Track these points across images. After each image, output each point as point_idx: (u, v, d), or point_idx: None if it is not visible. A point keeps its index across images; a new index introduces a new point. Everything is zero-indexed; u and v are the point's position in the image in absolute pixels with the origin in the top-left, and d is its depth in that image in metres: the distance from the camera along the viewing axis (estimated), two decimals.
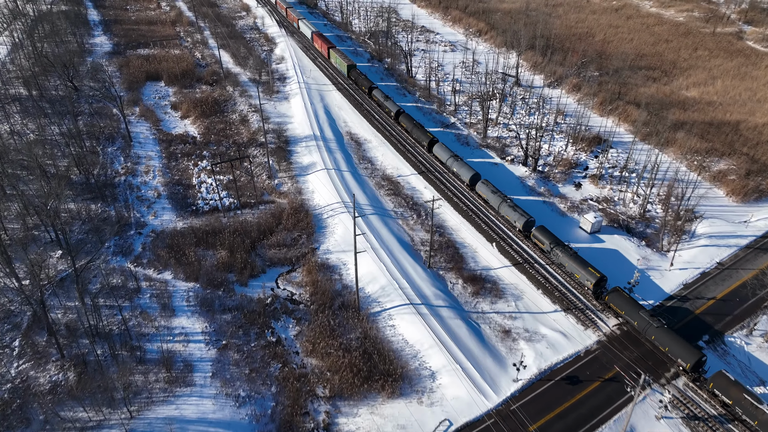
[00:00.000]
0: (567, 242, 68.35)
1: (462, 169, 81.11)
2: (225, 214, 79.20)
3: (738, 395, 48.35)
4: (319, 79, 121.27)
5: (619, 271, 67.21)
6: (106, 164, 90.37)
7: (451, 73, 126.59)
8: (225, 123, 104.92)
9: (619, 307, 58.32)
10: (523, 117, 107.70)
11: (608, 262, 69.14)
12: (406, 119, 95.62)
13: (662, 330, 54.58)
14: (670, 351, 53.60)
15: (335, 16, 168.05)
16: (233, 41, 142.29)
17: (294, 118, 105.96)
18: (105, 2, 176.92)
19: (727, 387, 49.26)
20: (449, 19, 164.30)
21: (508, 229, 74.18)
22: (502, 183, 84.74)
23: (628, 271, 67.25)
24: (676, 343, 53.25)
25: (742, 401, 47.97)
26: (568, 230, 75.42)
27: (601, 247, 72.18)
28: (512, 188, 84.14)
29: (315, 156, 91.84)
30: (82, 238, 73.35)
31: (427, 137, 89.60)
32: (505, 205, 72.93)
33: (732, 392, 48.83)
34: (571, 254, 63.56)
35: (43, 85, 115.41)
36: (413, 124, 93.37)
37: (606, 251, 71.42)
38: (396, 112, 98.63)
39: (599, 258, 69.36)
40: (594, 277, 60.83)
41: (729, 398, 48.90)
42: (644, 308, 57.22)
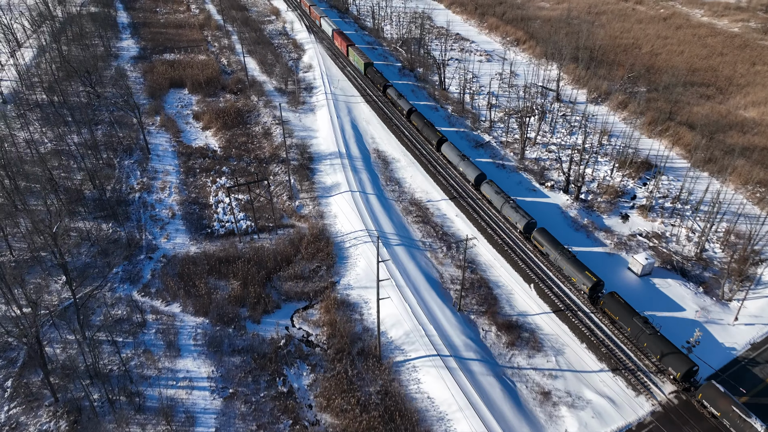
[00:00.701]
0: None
1: (468, 169, 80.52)
2: (241, 238, 74.08)
3: (726, 407, 47.20)
4: (347, 90, 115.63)
5: (675, 323, 59.55)
6: (122, 179, 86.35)
7: (486, 85, 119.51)
8: (247, 136, 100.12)
9: (613, 312, 57.27)
10: (564, 137, 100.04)
11: (661, 310, 61.51)
12: (417, 118, 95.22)
13: (654, 337, 53.17)
14: (662, 359, 52.40)
15: (366, 21, 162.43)
16: (260, 47, 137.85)
17: (319, 132, 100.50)
18: (135, 4, 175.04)
19: (716, 398, 48.08)
20: (485, 27, 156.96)
21: (548, 269, 67.12)
22: (541, 213, 77.53)
23: (685, 325, 59.56)
24: (668, 353, 52.02)
25: (730, 413, 46.81)
26: (614, 270, 67.92)
27: (652, 293, 64.53)
28: (552, 219, 76.88)
29: (339, 176, 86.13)
30: (89, 262, 69.08)
31: (437, 136, 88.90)
32: (507, 205, 72.28)
33: (720, 404, 47.72)
34: (569, 257, 62.61)
35: (66, 90, 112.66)
36: (424, 123, 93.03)
37: (658, 298, 63.76)
38: (408, 111, 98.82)
39: (650, 306, 61.78)
40: (590, 281, 59.71)
41: (717, 410, 47.92)
42: (639, 314, 55.69)
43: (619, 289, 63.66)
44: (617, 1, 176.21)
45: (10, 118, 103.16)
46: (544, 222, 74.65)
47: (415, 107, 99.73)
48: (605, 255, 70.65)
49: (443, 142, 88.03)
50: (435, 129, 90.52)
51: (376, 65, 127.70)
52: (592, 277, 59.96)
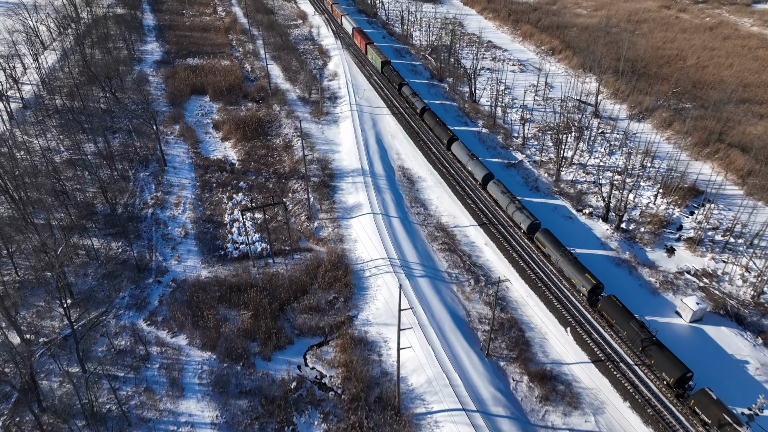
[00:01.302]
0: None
1: (476, 168, 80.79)
2: (255, 263, 69.80)
3: (718, 415, 46.40)
4: (373, 101, 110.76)
5: (731, 382, 53.06)
6: (136, 192, 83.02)
7: (519, 98, 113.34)
8: (267, 148, 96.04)
9: (610, 315, 56.91)
10: (603, 157, 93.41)
11: (713, 365, 55.08)
12: (429, 116, 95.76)
13: (650, 342, 52.78)
14: (656, 364, 51.96)
15: (395, 27, 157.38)
16: (285, 53, 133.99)
17: (342, 146, 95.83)
18: (162, 6, 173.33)
19: (708, 406, 47.41)
20: (519, 35, 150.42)
21: (586, 311, 61.10)
22: (577, 244, 71.40)
23: (743, 384, 53.02)
24: (662, 357, 51.48)
25: (720, 421, 46.00)
26: (658, 314, 61.55)
27: (703, 343, 58.03)
28: (589, 251, 70.69)
29: (361, 195, 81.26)
30: (95, 285, 65.59)
31: (447, 135, 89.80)
32: (513, 206, 72.21)
33: (712, 411, 46.94)
34: (570, 259, 62.59)
35: (87, 96, 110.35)
36: (436, 122, 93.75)
37: (710, 350, 57.26)
38: (421, 109, 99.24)
39: (701, 360, 55.33)
40: (590, 284, 59.43)
41: (708, 417, 47.11)
42: (636, 318, 55.08)
43: (665, 337, 57.37)
44: (659, 9, 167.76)
45: (29, 124, 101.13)
46: (581, 256, 68.53)
47: (428, 106, 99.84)
48: (649, 295, 64.26)
49: (454, 141, 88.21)
50: (446, 128, 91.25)
51: (404, 74, 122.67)
52: (592, 279, 59.57)
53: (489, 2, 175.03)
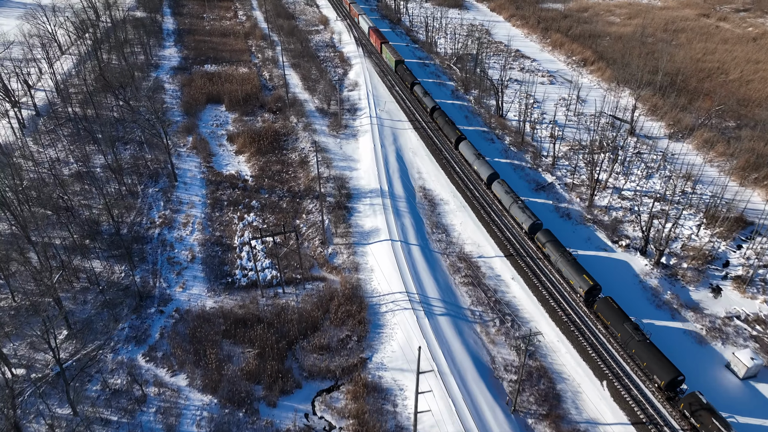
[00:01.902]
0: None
1: (482, 168, 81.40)
2: (264, 292, 65.28)
3: (706, 419, 46.07)
4: (394, 114, 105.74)
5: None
6: (144, 210, 79.25)
7: (549, 113, 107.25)
8: (282, 163, 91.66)
9: (605, 317, 56.96)
10: (640, 180, 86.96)
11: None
12: (439, 115, 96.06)
13: (643, 344, 52.63)
14: (648, 366, 51.76)
15: (419, 34, 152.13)
16: (305, 60, 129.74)
17: (360, 163, 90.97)
18: (183, 9, 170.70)
19: (698, 410, 46.88)
20: (548, 44, 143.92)
21: (624, 361, 55.20)
22: (614, 281, 65.42)
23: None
24: (655, 359, 51.23)
25: (709, 425, 45.67)
26: (705, 367, 55.38)
27: (757, 403, 51.73)
28: (627, 290, 64.65)
29: (379, 219, 76.27)
30: (94, 314, 61.70)
31: (455, 134, 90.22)
32: (515, 205, 72.37)
33: (701, 416, 46.51)
34: (569, 260, 62.59)
35: (101, 103, 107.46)
36: (445, 121, 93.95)
37: (766, 412, 50.95)
38: (431, 108, 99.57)
39: (757, 428, 49.09)
40: (587, 285, 59.48)
41: (697, 421, 46.83)
42: (630, 320, 54.99)
43: (714, 396, 51.25)
44: (697, 17, 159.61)
45: (41, 132, 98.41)
46: (618, 295, 62.52)
47: (438, 105, 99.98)
48: (695, 345, 58.03)
49: (461, 140, 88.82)
50: (455, 127, 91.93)
51: (426, 85, 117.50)
52: (589, 280, 59.66)
53: (517, 9, 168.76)
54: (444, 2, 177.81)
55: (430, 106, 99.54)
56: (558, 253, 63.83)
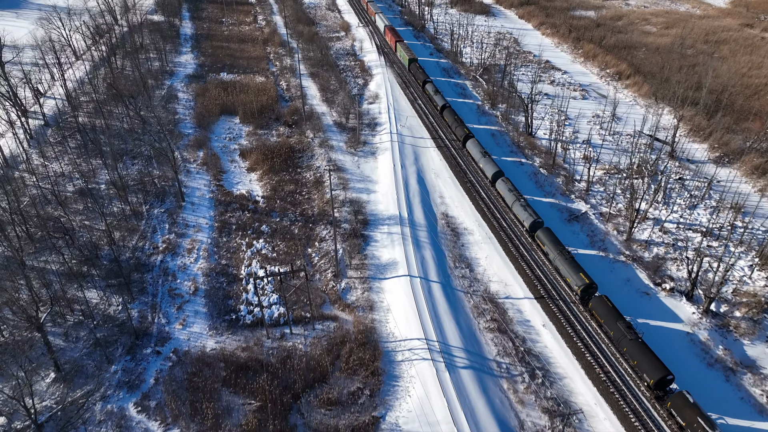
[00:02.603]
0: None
1: (487, 165, 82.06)
2: (270, 332, 59.88)
3: (692, 418, 46.07)
4: (416, 130, 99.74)
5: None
6: (147, 233, 74.57)
7: (582, 131, 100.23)
8: (296, 183, 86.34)
9: (599, 315, 57.02)
10: (683, 210, 79.67)
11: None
12: (449, 113, 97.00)
13: (635, 343, 52.72)
14: (638, 365, 51.84)
15: (443, 42, 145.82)
16: (324, 69, 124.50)
17: (379, 185, 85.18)
18: (202, 13, 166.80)
19: (684, 408, 47.14)
20: (580, 55, 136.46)
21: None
22: (658, 335, 58.55)
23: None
24: (645, 358, 51.29)
25: (694, 424, 45.69)
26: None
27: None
28: (674, 344, 57.75)
29: (397, 251, 70.40)
30: (86, 353, 56.94)
31: (464, 132, 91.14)
32: (517, 203, 72.99)
33: (687, 414, 46.65)
34: (567, 258, 63.02)
35: (112, 113, 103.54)
36: (454, 119, 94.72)
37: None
38: (442, 106, 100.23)
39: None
40: (583, 283, 59.89)
41: (683, 420, 46.92)
42: (623, 319, 55.05)
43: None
44: (740, 27, 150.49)
45: (48, 144, 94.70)
46: (663, 351, 55.67)
47: (449, 104, 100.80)
48: (754, 413, 50.97)
49: (469, 138, 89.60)
50: (464, 126, 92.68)
51: (450, 95, 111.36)
52: (585, 278, 60.16)
53: (547, 17, 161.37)
54: (470, 8, 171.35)
55: (441, 103, 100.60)
56: (556, 251, 64.14)
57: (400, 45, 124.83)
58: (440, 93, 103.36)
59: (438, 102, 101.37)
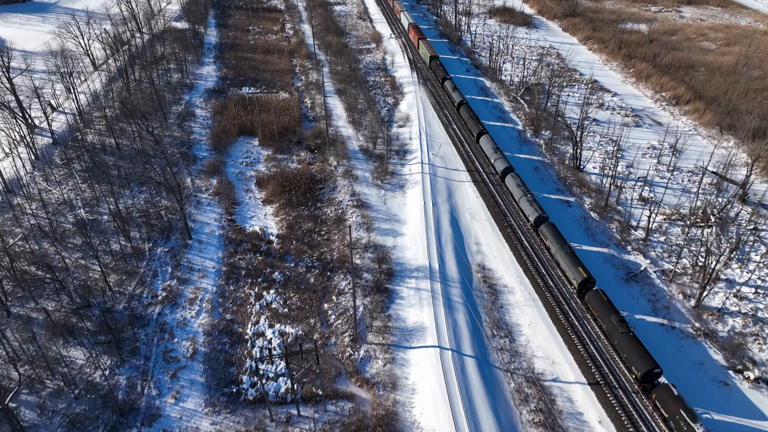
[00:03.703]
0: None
1: (498, 161, 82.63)
2: (274, 414, 51.32)
3: (675, 410, 46.19)
4: (449, 160, 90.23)
5: None
6: (147, 278, 66.95)
7: (637, 165, 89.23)
8: (315, 220, 77.81)
9: (594, 308, 57.45)
10: (761, 269, 68.30)
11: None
12: (465, 110, 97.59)
13: (626, 337, 52.65)
14: (628, 358, 52.05)
15: (481, 56, 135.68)
16: (352, 86, 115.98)
17: (407, 226, 75.99)
18: (229, 21, 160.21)
19: (668, 400, 47.19)
20: (632, 74, 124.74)
21: None
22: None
23: None
24: (634, 352, 51.38)
25: (676, 416, 45.77)
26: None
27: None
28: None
29: (426, 312, 61.10)
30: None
31: (478, 128, 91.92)
32: (524, 199, 73.86)
33: (670, 406, 46.79)
34: (567, 252, 63.84)
35: (124, 131, 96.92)
36: (470, 115, 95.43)
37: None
38: (459, 102, 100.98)
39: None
40: (581, 277, 60.24)
41: (666, 411, 47.12)
42: (617, 313, 54.99)
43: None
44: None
45: (55, 165, 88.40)
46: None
47: (466, 100, 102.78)
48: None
49: (483, 134, 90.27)
50: (479, 121, 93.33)
51: (487, 118, 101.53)
52: (583, 273, 60.55)
53: (594, 30, 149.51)
54: (510, 19, 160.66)
55: (458, 100, 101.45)
56: (558, 245, 65.24)
57: (423, 42, 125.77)
58: (458, 90, 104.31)
59: (455, 98, 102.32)
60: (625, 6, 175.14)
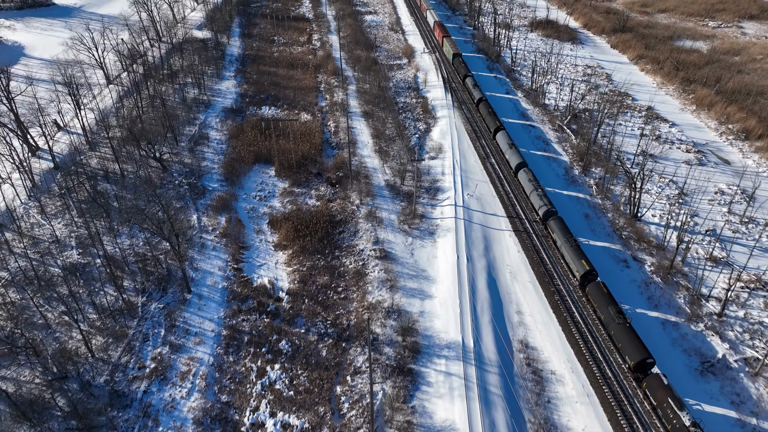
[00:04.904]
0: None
1: (512, 156, 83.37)
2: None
3: (662, 398, 46.87)
4: (487, 202, 79.74)
5: None
6: (136, 343, 58.31)
7: (704, 214, 77.25)
8: (332, 273, 68.24)
9: (594, 299, 58.27)
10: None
11: None
12: (484, 107, 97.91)
13: (622, 327, 53.28)
14: (622, 348, 52.84)
15: (522, 76, 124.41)
16: (380, 108, 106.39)
17: (437, 285, 65.82)
18: (254, 30, 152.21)
19: (657, 389, 47.85)
20: (691, 101, 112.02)
21: None
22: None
23: None
24: (629, 342, 52.16)
25: (664, 404, 46.50)
26: None
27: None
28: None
29: (458, 408, 50.87)
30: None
31: (495, 124, 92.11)
32: (535, 193, 74.03)
33: (659, 395, 47.46)
34: (572, 245, 64.18)
35: (132, 156, 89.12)
36: (488, 112, 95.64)
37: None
38: (478, 99, 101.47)
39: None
40: (583, 269, 60.64)
41: (655, 400, 47.83)
42: (615, 305, 55.63)
43: None
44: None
45: (52, 195, 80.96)
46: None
47: (485, 97, 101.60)
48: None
49: (499, 130, 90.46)
50: (497, 118, 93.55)
51: (530, 156, 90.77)
52: (586, 265, 60.71)
53: (647, 48, 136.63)
54: (553, 33, 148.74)
55: (478, 97, 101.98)
56: (564, 238, 65.79)
57: (447, 40, 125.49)
58: (479, 87, 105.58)
59: (476, 95, 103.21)
60: (680, 20, 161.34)
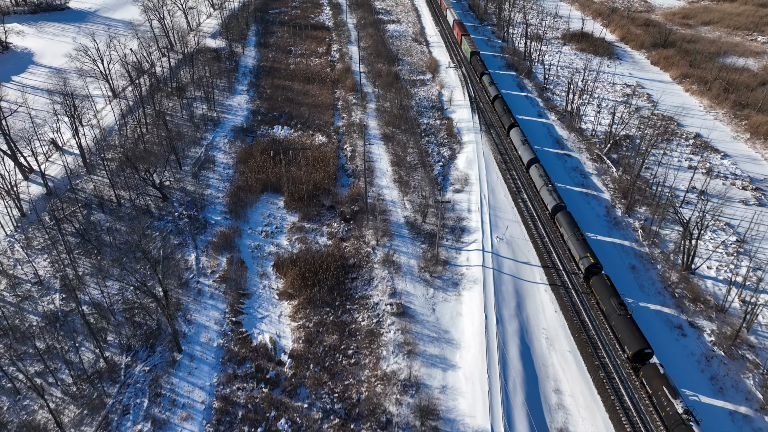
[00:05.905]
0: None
1: (525, 152, 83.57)
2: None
3: (658, 387, 47.72)
4: (519, 248, 70.84)
5: None
6: (113, 418, 50.76)
7: (767, 268, 67.47)
8: (341, 330, 60.04)
9: (597, 291, 58.82)
10: None
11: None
12: (499, 104, 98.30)
13: (623, 318, 54.19)
14: (622, 338, 53.82)
15: (555, 95, 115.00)
16: (401, 130, 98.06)
17: (462, 352, 57.13)
18: (270, 39, 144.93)
19: (653, 378, 48.73)
20: (744, 128, 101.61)
21: None
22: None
23: None
24: (629, 332, 53.15)
25: (659, 392, 47.42)
26: None
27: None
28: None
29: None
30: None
31: (509, 121, 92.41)
32: (545, 188, 74.50)
33: (654, 383, 48.35)
34: (579, 239, 64.60)
35: (129, 183, 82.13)
36: (504, 109, 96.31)
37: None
38: (494, 97, 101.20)
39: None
40: (588, 262, 61.51)
41: (651, 388, 48.69)
42: (617, 296, 56.55)
43: None
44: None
45: (42, 227, 74.22)
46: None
47: (501, 94, 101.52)
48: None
49: (513, 127, 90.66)
50: (511, 114, 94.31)
51: (566, 193, 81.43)
52: (591, 258, 61.55)
53: (691, 66, 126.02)
54: (588, 48, 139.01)
55: (494, 94, 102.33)
56: (571, 232, 65.95)
57: (465, 38, 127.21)
58: (495, 84, 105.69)
59: (491, 93, 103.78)
60: (725, 34, 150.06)
